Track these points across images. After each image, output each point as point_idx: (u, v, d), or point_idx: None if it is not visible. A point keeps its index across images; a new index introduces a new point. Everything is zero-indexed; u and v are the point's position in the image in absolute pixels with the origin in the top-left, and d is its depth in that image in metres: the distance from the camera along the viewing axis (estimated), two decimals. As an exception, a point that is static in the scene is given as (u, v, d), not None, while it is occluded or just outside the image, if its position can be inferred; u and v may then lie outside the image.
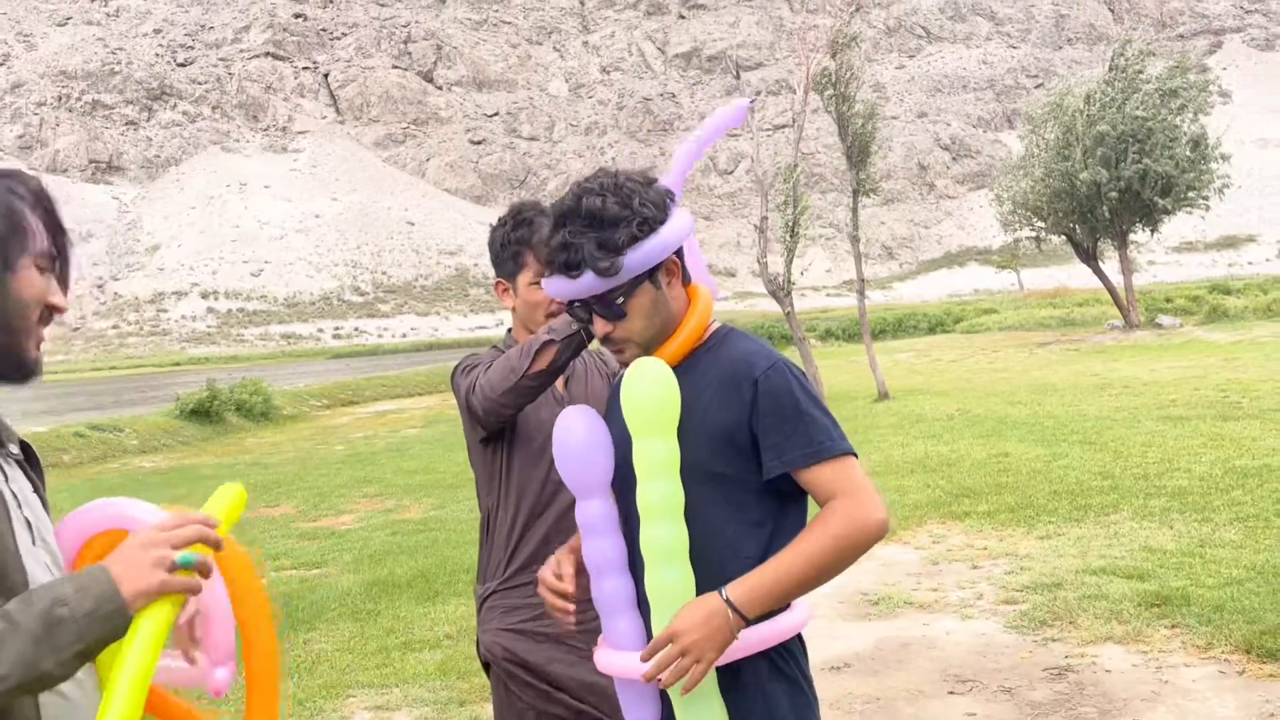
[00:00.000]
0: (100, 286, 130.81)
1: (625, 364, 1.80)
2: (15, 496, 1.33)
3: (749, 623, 1.63)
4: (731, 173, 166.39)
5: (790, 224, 13.85)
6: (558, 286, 1.77)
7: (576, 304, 1.80)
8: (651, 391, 1.69)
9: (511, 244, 2.42)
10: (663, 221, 1.75)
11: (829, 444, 1.69)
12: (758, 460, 1.72)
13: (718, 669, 1.68)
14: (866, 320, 18.04)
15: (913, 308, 56.80)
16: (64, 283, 1.39)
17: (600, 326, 1.79)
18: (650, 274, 1.75)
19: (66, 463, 16.40)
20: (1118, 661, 4.47)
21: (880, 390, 16.02)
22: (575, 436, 1.77)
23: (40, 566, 1.31)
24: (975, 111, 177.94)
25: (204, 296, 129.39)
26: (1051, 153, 28.31)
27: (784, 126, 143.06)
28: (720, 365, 1.76)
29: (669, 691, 1.70)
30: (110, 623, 1.16)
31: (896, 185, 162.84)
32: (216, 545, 1.26)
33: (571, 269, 1.73)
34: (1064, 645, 4.71)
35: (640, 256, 1.72)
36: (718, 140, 2.13)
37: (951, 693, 4.31)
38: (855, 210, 17.31)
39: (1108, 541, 6.37)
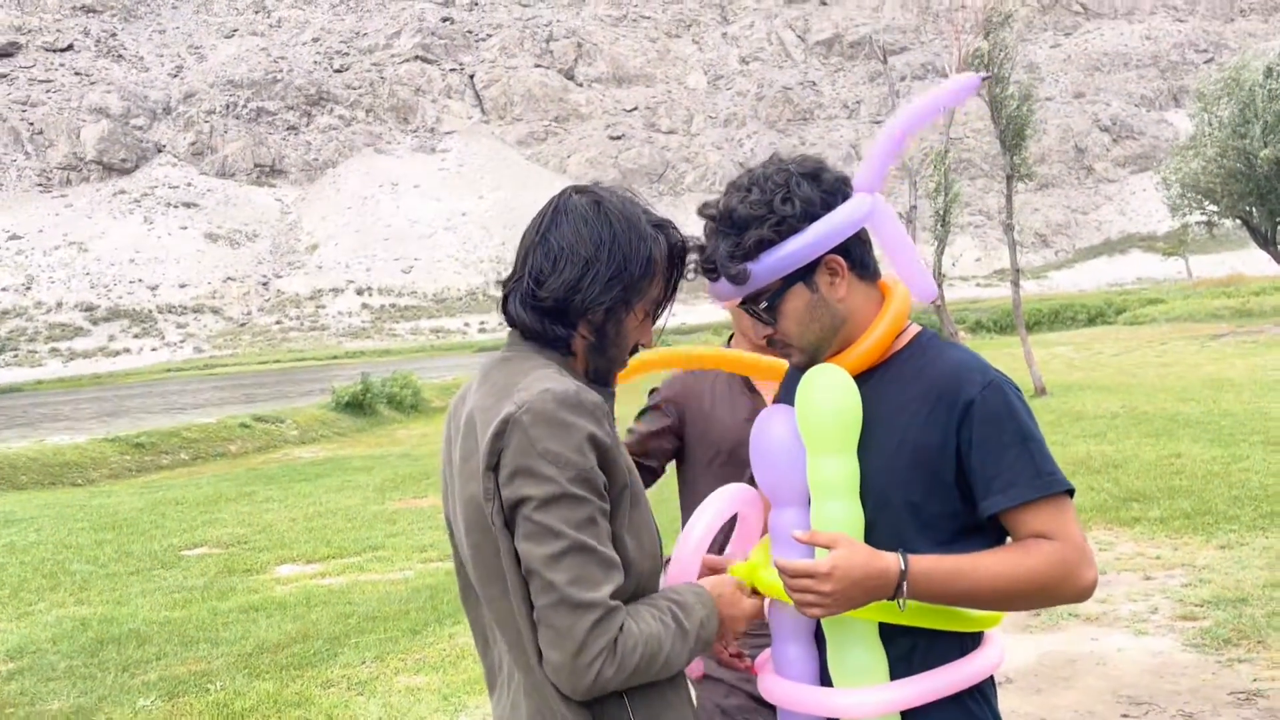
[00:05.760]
0: (265, 284, 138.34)
1: (796, 367, 1.65)
2: None
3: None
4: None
5: (940, 212, 13.31)
6: (710, 287, 1.65)
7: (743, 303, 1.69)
8: (830, 403, 1.52)
9: None
10: (815, 217, 1.56)
11: (1056, 476, 1.48)
12: (958, 491, 1.52)
13: (902, 713, 1.53)
14: (1021, 311, 17.25)
15: (1070, 298, 54.23)
16: (654, 322, 1.64)
17: (759, 329, 1.67)
18: (803, 275, 1.58)
19: (233, 453, 17.30)
20: (1317, 688, 4.05)
21: (1036, 385, 15.30)
22: (776, 440, 1.62)
23: None
24: (1138, 90, 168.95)
25: (359, 293, 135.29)
26: (1226, 130, 26.46)
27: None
28: (925, 378, 1.55)
29: None
30: (709, 647, 1.53)
31: (1051, 170, 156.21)
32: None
33: (709, 273, 1.61)
34: (1252, 667, 4.30)
35: (776, 261, 1.55)
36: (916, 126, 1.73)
37: (1125, 715, 3.98)
38: (1009, 197, 16.56)
39: (1299, 553, 5.83)
